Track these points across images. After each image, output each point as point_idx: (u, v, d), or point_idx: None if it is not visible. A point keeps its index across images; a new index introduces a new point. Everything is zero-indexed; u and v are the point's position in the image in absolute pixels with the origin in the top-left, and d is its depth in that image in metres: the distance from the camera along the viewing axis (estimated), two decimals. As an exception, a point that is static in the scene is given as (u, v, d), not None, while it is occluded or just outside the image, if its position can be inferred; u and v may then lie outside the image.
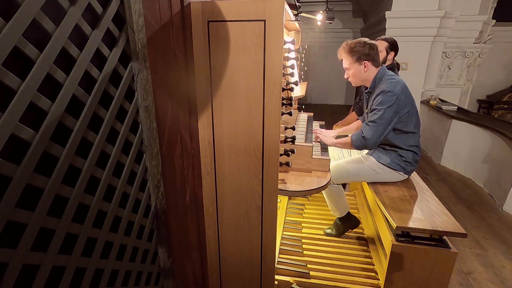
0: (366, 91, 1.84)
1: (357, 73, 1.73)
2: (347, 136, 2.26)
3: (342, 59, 1.77)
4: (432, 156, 4.18)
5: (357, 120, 2.29)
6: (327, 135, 1.93)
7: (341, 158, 2.14)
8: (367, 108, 1.83)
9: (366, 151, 1.96)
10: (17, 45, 0.46)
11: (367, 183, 1.86)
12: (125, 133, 0.76)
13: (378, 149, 1.80)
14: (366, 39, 1.71)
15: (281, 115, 1.40)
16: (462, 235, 1.35)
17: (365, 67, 1.70)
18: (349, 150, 2.14)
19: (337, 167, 1.84)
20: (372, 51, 1.69)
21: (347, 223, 2.03)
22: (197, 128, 1.14)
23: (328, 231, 2.10)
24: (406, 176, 1.84)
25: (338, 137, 2.05)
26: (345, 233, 2.09)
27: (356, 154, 2.12)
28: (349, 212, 2.01)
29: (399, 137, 1.73)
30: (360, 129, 1.73)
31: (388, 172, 1.77)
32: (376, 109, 1.66)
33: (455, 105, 4.03)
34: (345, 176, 1.84)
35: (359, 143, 1.71)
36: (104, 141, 0.68)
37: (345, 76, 1.81)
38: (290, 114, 1.38)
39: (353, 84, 1.84)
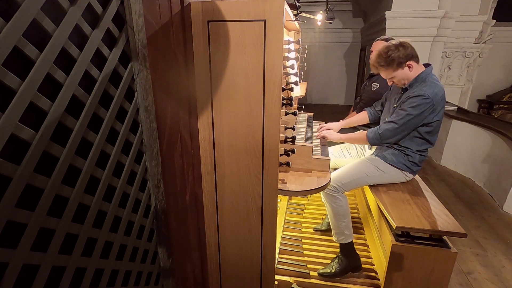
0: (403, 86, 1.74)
1: (404, 76, 1.63)
2: (350, 128, 2.20)
3: (378, 73, 1.69)
4: (432, 156, 4.17)
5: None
6: (333, 127, 1.98)
7: (341, 156, 2.13)
8: (396, 102, 1.72)
9: (370, 152, 1.95)
10: (17, 45, 0.46)
11: (367, 183, 1.85)
12: (125, 133, 0.76)
13: (384, 148, 1.79)
14: (392, 41, 1.63)
15: (285, 115, 1.41)
16: (462, 235, 1.35)
17: (409, 67, 1.60)
18: (348, 148, 2.13)
19: (342, 173, 1.74)
20: (408, 49, 1.60)
21: (350, 257, 1.73)
22: (197, 128, 1.14)
23: (323, 271, 1.75)
24: (411, 176, 1.81)
25: (342, 130, 2.06)
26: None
27: (355, 151, 2.11)
28: (353, 242, 1.76)
29: (412, 140, 1.67)
30: (377, 126, 1.69)
31: (394, 172, 1.75)
32: (404, 109, 1.57)
33: (455, 105, 4.03)
34: (352, 181, 1.73)
35: (376, 141, 1.69)
36: (104, 141, 0.68)
37: (389, 83, 1.72)
38: (294, 114, 1.37)
39: (399, 86, 1.71)
